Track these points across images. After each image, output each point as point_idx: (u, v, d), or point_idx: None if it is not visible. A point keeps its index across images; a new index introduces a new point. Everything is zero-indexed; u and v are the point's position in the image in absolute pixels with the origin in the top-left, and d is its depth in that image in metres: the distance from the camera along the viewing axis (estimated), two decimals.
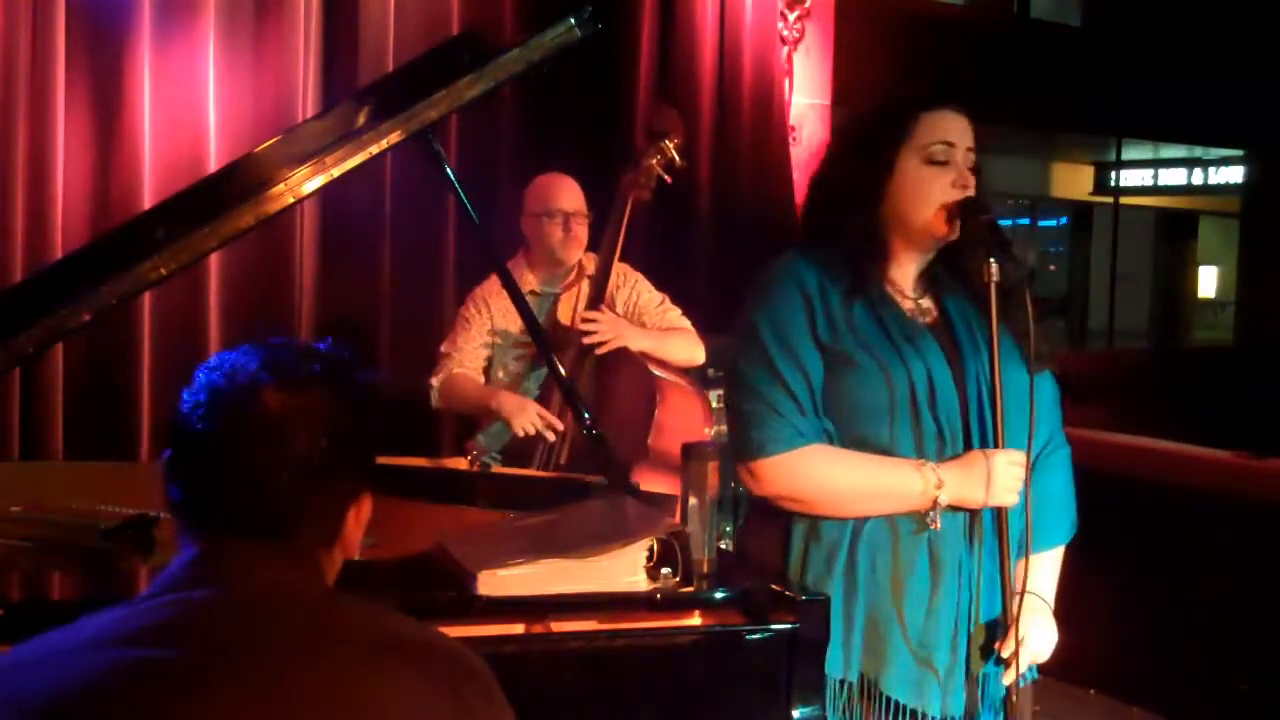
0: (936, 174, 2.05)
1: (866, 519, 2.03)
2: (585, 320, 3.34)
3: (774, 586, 1.96)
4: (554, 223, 3.48)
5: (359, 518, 1.30)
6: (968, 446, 2.05)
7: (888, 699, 2.03)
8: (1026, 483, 2.02)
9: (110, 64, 3.93)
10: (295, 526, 1.23)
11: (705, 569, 1.98)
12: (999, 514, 2.03)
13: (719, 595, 1.95)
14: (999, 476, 2.00)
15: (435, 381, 3.50)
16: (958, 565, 2.05)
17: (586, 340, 3.33)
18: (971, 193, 2.05)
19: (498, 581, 1.82)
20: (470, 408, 3.51)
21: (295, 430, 1.22)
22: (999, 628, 2.05)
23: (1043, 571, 2.15)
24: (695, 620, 1.93)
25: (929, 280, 2.15)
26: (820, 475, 2.02)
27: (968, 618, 2.05)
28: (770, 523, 2.12)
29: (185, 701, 1.12)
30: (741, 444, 2.07)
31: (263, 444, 1.22)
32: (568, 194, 3.51)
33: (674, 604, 1.91)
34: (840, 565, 2.03)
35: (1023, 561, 2.05)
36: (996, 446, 2.02)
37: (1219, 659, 4.02)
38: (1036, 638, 2.09)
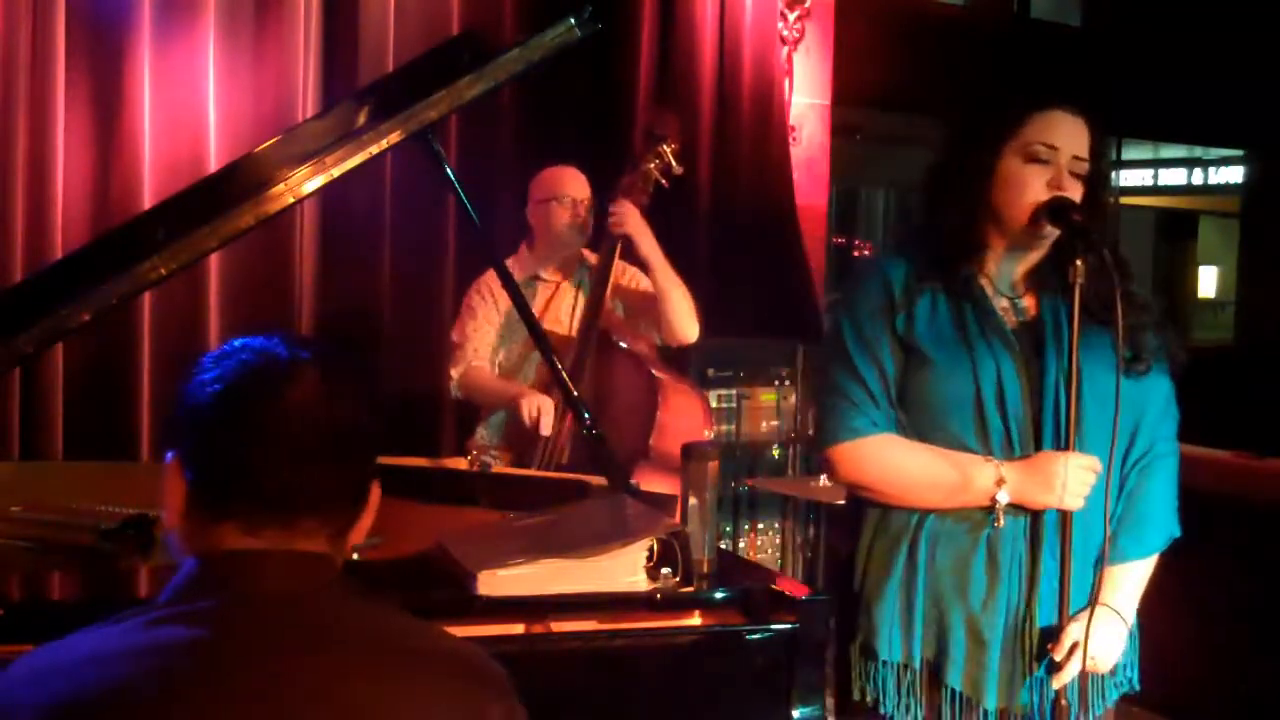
0: (1035, 172, 2.06)
1: (930, 513, 2.08)
2: (614, 208, 3.37)
3: (774, 586, 1.96)
4: (562, 206, 3.49)
5: (370, 503, 1.30)
6: (1038, 448, 2.06)
7: (949, 688, 2.07)
8: (1106, 491, 2.01)
9: (110, 64, 3.93)
10: (311, 506, 1.23)
11: (705, 569, 1.98)
12: (1064, 518, 2.04)
13: (719, 595, 1.95)
14: (1067, 480, 2.01)
15: (455, 374, 3.51)
16: (1016, 565, 2.07)
17: (610, 224, 3.37)
18: (1066, 194, 2.05)
19: (498, 581, 1.82)
20: (490, 399, 3.51)
21: (310, 409, 1.22)
22: (1059, 631, 2.06)
23: (1120, 583, 2.14)
24: (695, 620, 1.93)
25: (1035, 281, 2.15)
26: (886, 464, 2.08)
27: (1026, 618, 2.07)
28: (855, 513, 2.21)
29: (199, 708, 1.12)
30: (820, 432, 2.17)
31: (279, 421, 1.21)
32: (575, 182, 3.53)
33: (674, 604, 1.91)
34: (903, 554, 2.09)
35: (1098, 570, 2.06)
36: (1068, 448, 2.02)
37: (1219, 659, 4.02)
38: (1099, 646, 2.07)
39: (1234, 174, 16.77)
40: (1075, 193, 2.06)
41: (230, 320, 4.11)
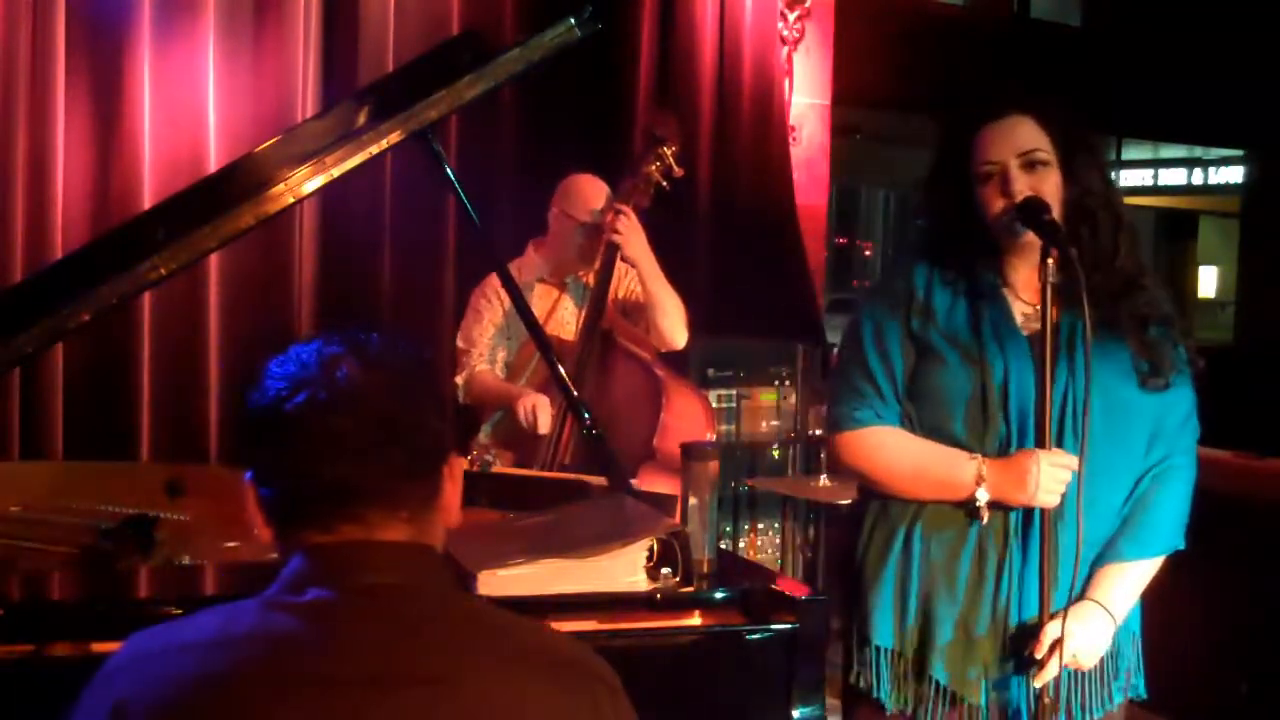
0: (989, 191, 2.10)
1: (926, 505, 2.13)
2: (615, 213, 3.35)
3: (774, 586, 1.96)
4: (582, 229, 3.48)
5: (453, 476, 1.30)
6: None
7: (933, 680, 2.10)
8: (1079, 494, 2.02)
9: (110, 64, 3.93)
10: (369, 496, 1.23)
11: (705, 569, 1.98)
12: (1046, 515, 2.06)
13: (719, 595, 1.95)
14: (1040, 477, 2.02)
15: (460, 380, 3.52)
16: (1002, 561, 2.09)
17: (608, 229, 3.36)
18: (1018, 198, 2.06)
19: (498, 581, 1.82)
20: (493, 402, 3.52)
21: (386, 395, 1.23)
22: (1039, 628, 2.07)
23: (1115, 582, 2.14)
24: (695, 620, 1.93)
25: (1057, 288, 2.14)
26: (882, 454, 2.15)
27: (1012, 614, 2.09)
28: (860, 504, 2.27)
29: (309, 699, 1.13)
30: (827, 418, 2.27)
31: (356, 412, 1.21)
32: (599, 204, 3.49)
33: (674, 604, 1.91)
34: (898, 545, 2.14)
35: (1076, 567, 2.05)
36: (1043, 447, 2.04)
37: (1220, 659, 4.02)
38: (1080, 643, 2.08)
39: (1234, 174, 16.78)
40: (1041, 184, 2.08)
41: (230, 320, 4.11)
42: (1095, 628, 2.10)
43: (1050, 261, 2.01)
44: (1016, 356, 2.10)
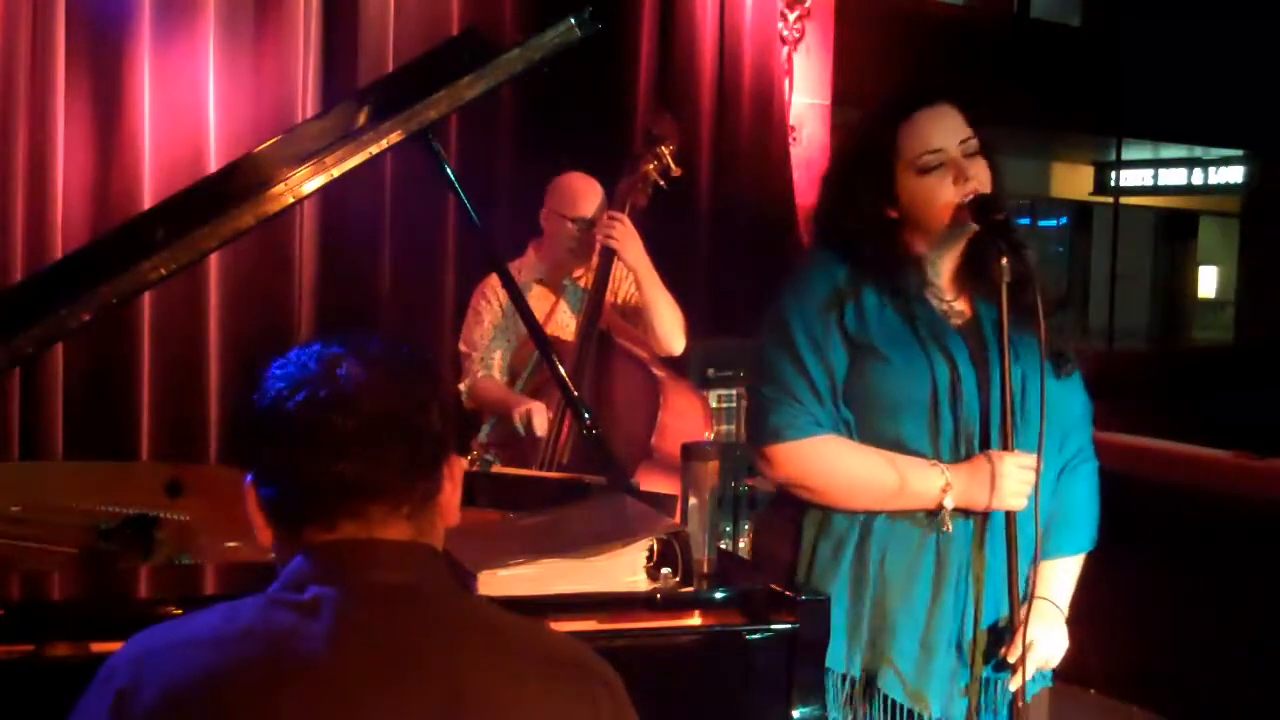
0: (935, 181, 2.03)
1: (876, 515, 2.04)
2: (610, 218, 3.34)
3: (774, 586, 1.95)
4: (574, 227, 3.48)
5: (453, 475, 1.31)
6: (985, 450, 2.04)
7: (886, 697, 2.04)
8: (1037, 488, 1.99)
9: (110, 64, 3.93)
10: (369, 493, 1.23)
11: (705, 569, 1.98)
12: (1009, 518, 2.02)
13: (719, 595, 1.95)
14: (1006, 480, 1.99)
15: (463, 387, 3.52)
16: (964, 568, 2.05)
17: (603, 236, 3.34)
18: (974, 187, 2.02)
19: (498, 582, 1.82)
20: (494, 409, 3.53)
21: (386, 394, 1.24)
22: (1005, 632, 2.05)
23: (1059, 578, 2.14)
24: (695, 620, 1.92)
25: (962, 283, 2.13)
26: (832, 465, 2.04)
27: (973, 621, 2.05)
28: (785, 513, 2.14)
29: (310, 697, 1.13)
30: (759, 428, 2.10)
31: (357, 410, 1.22)
32: (590, 202, 3.49)
33: (674, 604, 1.91)
34: (848, 559, 2.05)
35: (1034, 566, 2.04)
36: (1007, 449, 2.01)
37: (1220, 659, 4.02)
38: (1046, 644, 2.07)
39: (1234, 174, 16.77)
40: (982, 173, 2.04)
41: (230, 320, 4.11)
42: (1055, 625, 2.10)
43: (1005, 261, 1.95)
44: (961, 356, 2.04)
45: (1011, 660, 2.03)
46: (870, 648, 2.04)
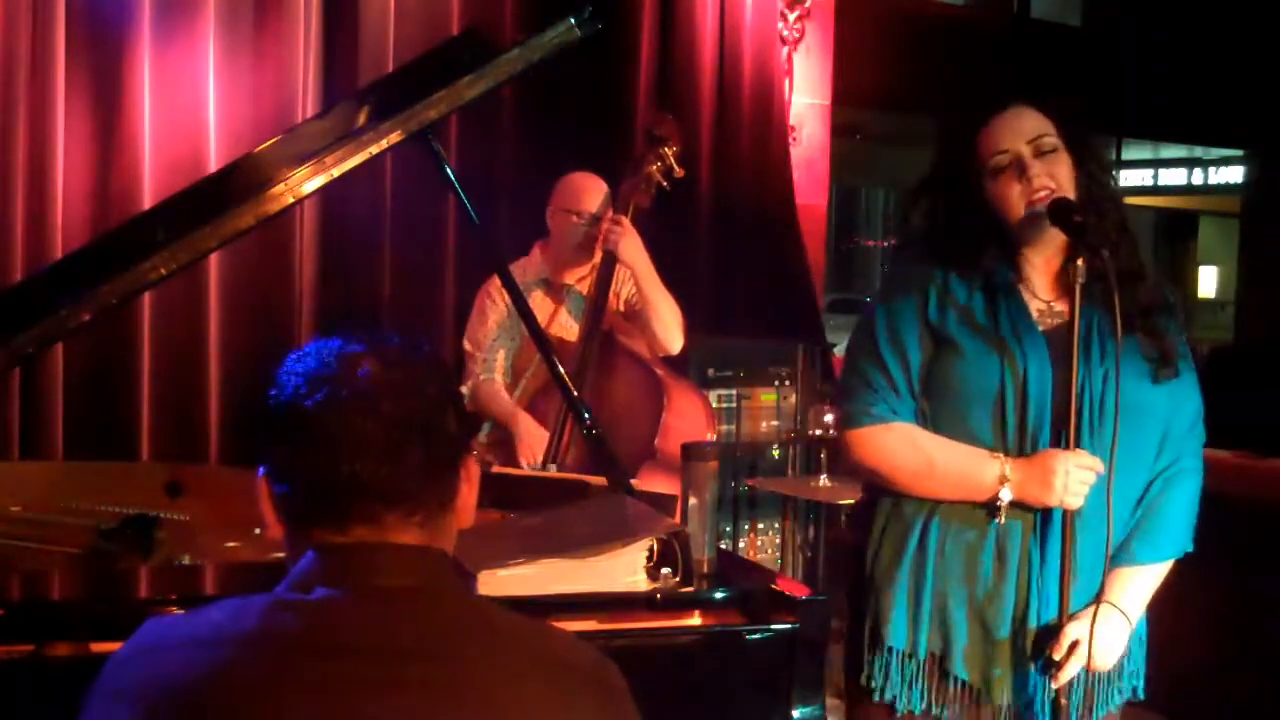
0: (1006, 184, 2.08)
1: (940, 503, 2.09)
2: (611, 221, 3.36)
3: (774, 586, 1.96)
4: (579, 221, 3.49)
5: (469, 477, 1.30)
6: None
7: (956, 679, 2.08)
8: (1109, 491, 2.00)
9: (110, 64, 3.93)
10: (386, 498, 1.22)
11: (705, 569, 1.98)
12: (1067, 517, 2.04)
13: (719, 595, 1.95)
14: (1062, 478, 2.01)
15: (465, 390, 3.51)
16: (1023, 562, 2.07)
17: (604, 237, 3.35)
18: (1041, 185, 2.05)
19: (498, 582, 1.82)
20: (495, 416, 3.53)
21: (406, 396, 1.23)
22: (1058, 630, 2.06)
23: (1129, 585, 2.14)
24: (695, 620, 1.93)
25: (1066, 285, 2.11)
26: (899, 451, 2.10)
27: (1029, 615, 2.08)
28: (866, 501, 2.23)
29: (306, 700, 1.13)
30: (839, 415, 2.23)
31: (376, 410, 1.21)
32: (594, 196, 3.51)
33: (674, 604, 1.91)
34: (913, 544, 2.11)
35: (1106, 570, 2.05)
36: (1069, 448, 2.02)
37: (1220, 658, 4.02)
38: (1101, 645, 2.07)
39: (1234, 174, 16.78)
40: (1055, 169, 2.07)
41: (230, 320, 4.11)
42: (1113, 630, 2.10)
43: (1080, 263, 1.99)
44: (1036, 353, 2.07)
45: (1056, 658, 2.05)
46: (937, 630, 2.09)
